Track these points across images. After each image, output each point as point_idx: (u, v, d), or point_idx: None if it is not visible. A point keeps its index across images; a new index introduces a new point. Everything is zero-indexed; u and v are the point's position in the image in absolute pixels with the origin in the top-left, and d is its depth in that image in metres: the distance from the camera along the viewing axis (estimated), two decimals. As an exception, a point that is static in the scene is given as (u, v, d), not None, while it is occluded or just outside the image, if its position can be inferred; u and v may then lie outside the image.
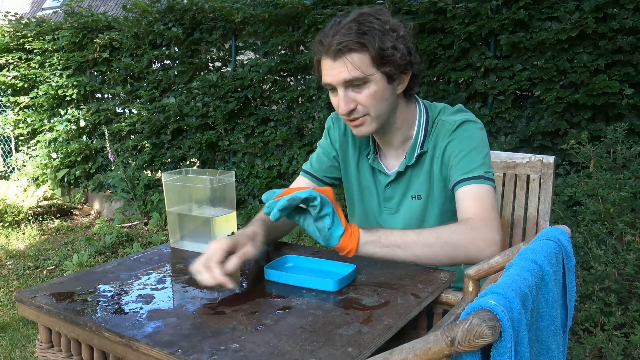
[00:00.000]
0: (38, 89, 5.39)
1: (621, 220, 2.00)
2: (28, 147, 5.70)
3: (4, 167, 6.01)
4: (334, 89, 1.15)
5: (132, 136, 4.82)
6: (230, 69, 4.23)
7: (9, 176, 5.93)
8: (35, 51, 5.34)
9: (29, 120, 5.52)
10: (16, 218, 4.57)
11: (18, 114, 5.60)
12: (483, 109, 3.09)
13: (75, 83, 5.07)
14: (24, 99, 5.52)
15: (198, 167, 4.42)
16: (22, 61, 5.45)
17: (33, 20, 5.37)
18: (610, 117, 2.74)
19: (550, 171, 1.43)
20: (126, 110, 4.92)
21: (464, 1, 3.03)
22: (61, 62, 5.16)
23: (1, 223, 4.44)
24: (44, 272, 3.47)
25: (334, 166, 1.37)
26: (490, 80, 3.05)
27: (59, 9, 5.89)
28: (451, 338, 0.55)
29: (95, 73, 5.05)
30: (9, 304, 2.93)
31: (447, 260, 1.03)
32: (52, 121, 5.42)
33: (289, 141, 3.82)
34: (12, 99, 5.56)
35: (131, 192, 4.48)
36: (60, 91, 5.17)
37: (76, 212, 5.12)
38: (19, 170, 5.72)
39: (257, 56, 4.05)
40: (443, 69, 3.17)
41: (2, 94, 5.71)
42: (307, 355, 0.73)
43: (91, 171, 5.17)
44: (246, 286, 1.03)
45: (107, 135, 4.72)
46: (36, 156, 5.50)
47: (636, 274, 1.91)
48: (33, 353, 2.36)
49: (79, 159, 5.17)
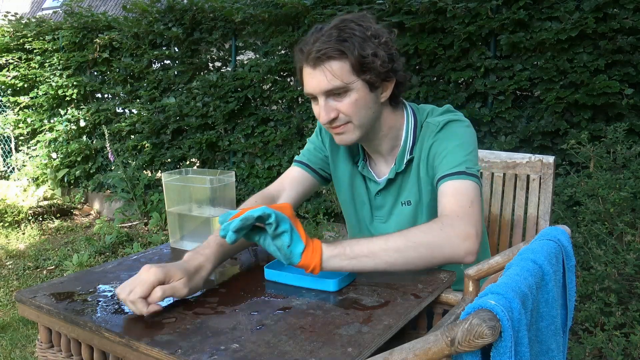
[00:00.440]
0: (38, 89, 5.39)
1: (621, 220, 2.00)
2: (28, 147, 5.70)
3: (4, 167, 6.01)
4: (315, 98, 1.13)
5: (132, 136, 4.81)
6: (230, 69, 4.23)
7: (9, 176, 5.93)
8: (35, 51, 5.34)
9: (29, 120, 5.52)
10: (16, 218, 4.57)
11: (18, 114, 5.60)
12: (483, 109, 3.09)
13: (75, 83, 5.07)
14: (24, 99, 5.52)
15: (198, 167, 4.42)
16: (22, 61, 5.45)
17: (33, 20, 5.37)
18: (610, 117, 2.74)
19: (550, 171, 1.43)
20: (126, 110, 4.92)
21: (464, 1, 3.03)
22: (61, 62, 5.16)
23: (1, 223, 4.44)
24: (44, 272, 3.47)
25: (327, 163, 1.35)
26: (490, 80, 3.05)
27: (59, 9, 5.89)
28: (451, 338, 0.55)
29: (95, 73, 5.05)
30: (9, 304, 2.93)
31: (423, 262, 0.98)
32: (52, 121, 5.42)
33: (289, 141, 3.82)
34: (12, 99, 5.56)
35: (131, 192, 4.48)
36: (60, 91, 5.17)
37: (76, 212, 5.12)
38: (19, 170, 5.72)
39: (257, 56, 4.05)
40: (443, 69, 3.17)
41: (2, 94, 5.71)
42: (307, 355, 0.73)
43: (91, 171, 5.17)
44: (246, 287, 1.03)
45: (107, 135, 4.72)
46: (36, 156, 5.49)
47: (636, 274, 1.91)
48: (33, 353, 2.36)
49: (79, 159, 5.17)
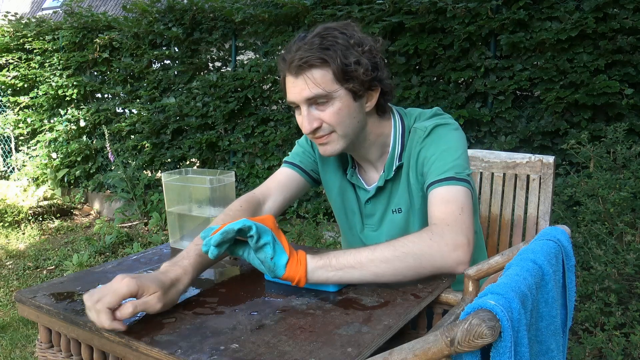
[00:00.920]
0: (38, 89, 5.39)
1: (621, 220, 2.00)
2: (28, 147, 5.70)
3: (4, 167, 6.01)
4: (298, 107, 1.10)
5: (132, 136, 4.82)
6: (230, 69, 4.23)
7: (9, 176, 5.93)
8: (35, 51, 5.34)
9: (29, 120, 5.52)
10: (16, 218, 4.57)
11: (18, 114, 5.60)
12: (483, 109, 3.09)
13: (75, 83, 5.07)
14: (24, 99, 5.53)
15: (198, 167, 4.42)
16: (22, 61, 5.45)
17: (33, 20, 5.38)
18: (610, 117, 2.74)
19: (550, 171, 1.43)
20: (126, 110, 4.92)
21: (464, 1, 3.03)
22: (61, 62, 5.16)
23: (1, 223, 4.44)
24: (44, 272, 3.47)
25: (317, 168, 1.32)
26: (490, 80, 3.05)
27: (59, 9, 5.90)
28: (451, 338, 0.55)
29: (95, 73, 5.05)
30: (9, 304, 2.93)
31: (412, 273, 0.95)
32: (52, 121, 5.42)
33: (289, 141, 3.82)
34: (12, 99, 5.56)
35: (131, 192, 4.48)
36: (60, 91, 5.18)
37: (76, 212, 5.12)
38: (19, 170, 5.72)
39: (257, 56, 4.05)
40: (443, 69, 3.17)
41: (2, 94, 5.71)
42: (307, 355, 0.73)
43: (91, 171, 5.17)
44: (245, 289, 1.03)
45: (107, 135, 4.72)
46: (36, 156, 5.50)
47: (636, 274, 1.92)
48: (33, 353, 2.36)
49: (79, 159, 5.17)
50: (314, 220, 3.61)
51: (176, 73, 4.43)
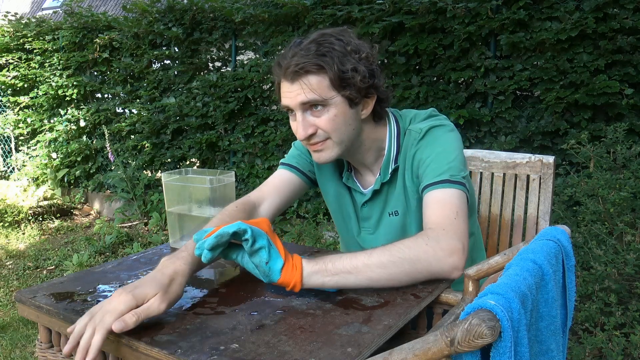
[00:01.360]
0: (38, 89, 5.39)
1: (621, 220, 2.00)
2: (28, 147, 5.70)
3: (4, 167, 6.01)
4: (293, 113, 1.09)
5: (132, 136, 4.82)
6: (230, 69, 4.23)
7: (9, 176, 5.93)
8: (35, 51, 5.34)
9: (29, 120, 5.52)
10: (16, 218, 4.57)
11: (18, 114, 5.60)
12: (483, 109, 3.09)
13: (75, 83, 5.07)
14: (24, 99, 5.52)
15: (198, 167, 4.42)
16: (22, 61, 5.45)
17: (33, 20, 5.37)
18: (610, 117, 2.74)
19: (550, 171, 1.43)
20: (126, 110, 4.92)
21: (464, 1, 3.03)
22: (61, 62, 5.16)
23: (1, 223, 4.44)
24: (44, 272, 3.47)
25: (313, 169, 1.32)
26: (490, 80, 3.05)
27: (59, 9, 5.90)
28: (451, 338, 0.55)
29: (95, 73, 5.05)
30: (9, 304, 2.93)
31: (407, 278, 0.95)
32: (52, 121, 5.42)
33: (289, 141, 3.82)
34: (12, 99, 5.56)
35: (131, 192, 4.48)
36: (60, 91, 5.17)
37: (76, 212, 5.12)
38: (19, 170, 5.72)
39: (257, 56, 4.05)
40: (443, 69, 3.17)
41: (2, 94, 5.71)
42: (307, 355, 0.73)
43: (91, 171, 5.17)
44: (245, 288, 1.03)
45: (107, 135, 4.72)
46: (36, 156, 5.50)
47: (636, 274, 1.91)
48: (33, 353, 2.36)
49: (79, 159, 5.17)
50: (314, 220, 3.61)
51: (176, 73, 4.43)
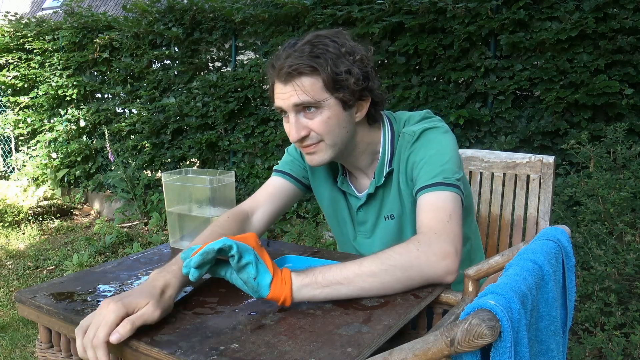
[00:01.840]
0: (38, 89, 5.39)
1: (621, 220, 2.00)
2: (28, 147, 5.70)
3: (4, 167, 6.01)
4: (286, 114, 1.09)
5: (132, 136, 4.82)
6: (230, 69, 4.23)
7: (9, 176, 5.93)
8: (35, 51, 5.34)
9: (29, 120, 5.52)
10: (16, 218, 4.57)
11: (18, 114, 5.60)
12: (483, 109, 3.09)
13: (75, 83, 5.07)
14: (24, 99, 5.52)
15: (198, 167, 4.42)
16: (22, 61, 5.45)
17: (33, 20, 5.37)
18: (610, 117, 2.74)
19: (550, 171, 1.43)
20: (126, 110, 4.92)
21: (464, 1, 3.03)
22: (61, 62, 5.16)
23: (1, 223, 4.44)
24: (44, 272, 3.47)
25: (307, 175, 1.31)
26: (490, 80, 3.05)
27: (59, 9, 5.90)
28: (451, 338, 0.55)
29: (95, 73, 5.05)
30: (9, 304, 2.93)
31: (400, 285, 0.93)
32: (52, 121, 5.42)
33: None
34: (12, 99, 5.56)
35: (131, 192, 4.48)
36: (60, 91, 5.17)
37: (76, 212, 5.12)
38: (19, 170, 5.72)
39: (257, 56, 4.05)
40: (443, 69, 3.17)
41: (2, 94, 5.71)
42: (307, 355, 0.73)
43: (91, 171, 5.18)
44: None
45: (107, 135, 4.72)
46: (36, 156, 5.50)
47: (636, 274, 1.91)
48: (33, 353, 2.36)
49: (79, 159, 5.17)
50: (314, 220, 3.61)
51: (176, 73, 4.43)
